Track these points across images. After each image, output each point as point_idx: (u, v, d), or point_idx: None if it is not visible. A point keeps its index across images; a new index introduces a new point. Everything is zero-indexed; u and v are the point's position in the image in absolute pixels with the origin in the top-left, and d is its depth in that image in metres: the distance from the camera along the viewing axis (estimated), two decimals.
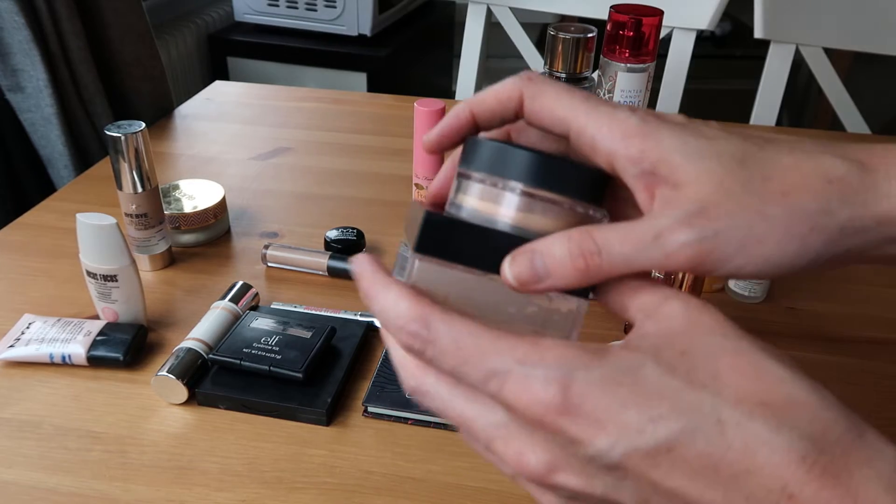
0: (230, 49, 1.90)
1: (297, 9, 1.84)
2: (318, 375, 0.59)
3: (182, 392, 0.57)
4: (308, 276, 0.75)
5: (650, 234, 0.28)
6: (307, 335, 0.61)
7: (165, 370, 0.57)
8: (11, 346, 0.61)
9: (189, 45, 1.83)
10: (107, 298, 0.64)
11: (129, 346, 0.61)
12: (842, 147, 0.30)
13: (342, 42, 1.83)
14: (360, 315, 0.68)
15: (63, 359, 0.61)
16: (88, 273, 0.63)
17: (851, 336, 0.69)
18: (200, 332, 0.62)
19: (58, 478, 0.52)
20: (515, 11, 1.36)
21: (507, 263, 0.29)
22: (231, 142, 1.07)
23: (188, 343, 0.60)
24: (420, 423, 0.57)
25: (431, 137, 0.34)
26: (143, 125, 0.69)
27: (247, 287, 0.69)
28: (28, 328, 0.63)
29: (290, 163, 1.01)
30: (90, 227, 0.60)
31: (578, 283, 0.29)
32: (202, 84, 1.71)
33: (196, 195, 0.81)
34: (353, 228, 0.78)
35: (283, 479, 0.52)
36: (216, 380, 0.58)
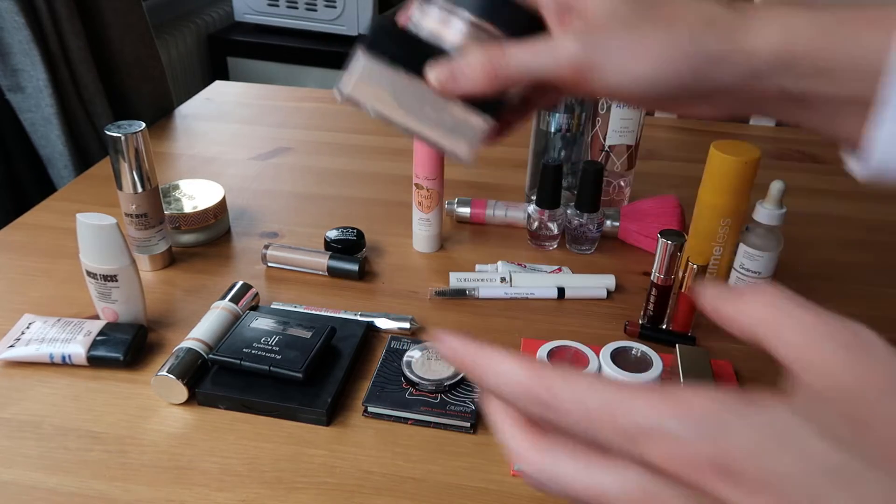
0: (230, 49, 1.90)
1: (297, 9, 1.84)
2: (318, 375, 0.59)
3: (182, 392, 0.57)
4: (308, 276, 0.75)
5: (547, 47, 0.34)
6: (307, 335, 0.61)
7: (165, 370, 0.57)
8: (11, 346, 0.61)
9: (189, 45, 1.83)
10: (107, 298, 0.63)
11: (129, 346, 0.61)
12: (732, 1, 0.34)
13: (342, 42, 1.83)
14: (360, 315, 0.68)
15: (63, 359, 0.61)
16: (88, 273, 0.63)
17: None
18: (200, 332, 0.62)
19: (58, 478, 0.52)
20: None
21: (431, 67, 0.36)
22: (231, 142, 1.07)
23: (188, 343, 0.60)
24: (420, 423, 0.57)
25: None
26: (143, 125, 0.69)
27: (247, 287, 0.69)
28: (28, 328, 0.63)
29: (290, 163, 1.01)
30: (90, 227, 0.60)
31: (486, 86, 0.35)
32: (202, 84, 1.71)
33: (196, 195, 0.81)
34: (353, 228, 0.78)
35: (283, 479, 0.52)
36: (216, 380, 0.58)
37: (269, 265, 0.76)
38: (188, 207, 0.78)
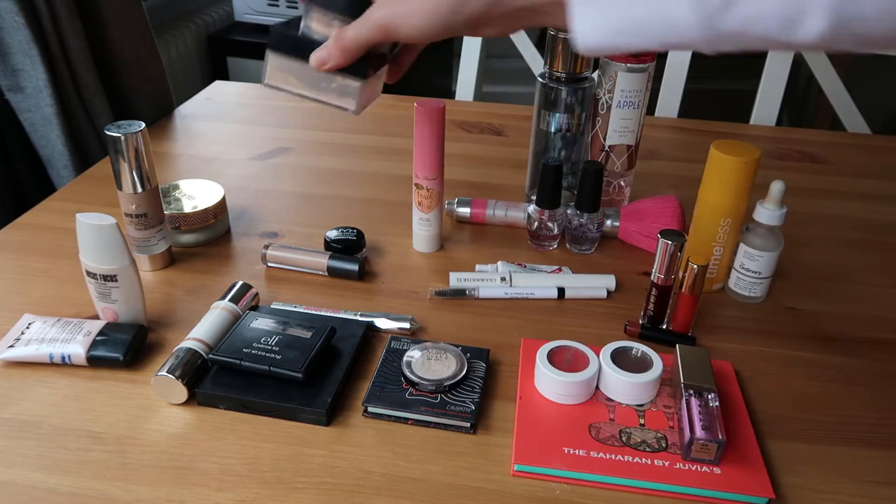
0: (230, 49, 1.90)
1: (297, 9, 1.84)
2: (318, 375, 0.59)
3: (182, 392, 0.57)
4: (308, 276, 0.75)
5: (364, 18, 0.51)
6: (307, 335, 0.61)
7: (165, 370, 0.57)
8: (11, 346, 0.61)
9: (189, 45, 1.83)
10: (107, 298, 0.63)
11: (129, 346, 0.61)
12: None
13: None
14: (360, 315, 0.68)
15: (63, 359, 0.61)
16: (88, 273, 0.63)
17: (851, 336, 0.69)
18: (200, 332, 0.62)
19: (58, 478, 0.52)
20: None
21: (311, 55, 0.54)
22: (231, 142, 1.07)
23: (188, 343, 0.60)
24: (420, 423, 0.57)
25: None
26: (143, 125, 0.69)
27: (247, 287, 0.69)
28: (28, 328, 0.63)
29: (290, 163, 1.01)
30: (90, 227, 0.60)
31: (343, 60, 0.53)
32: (202, 84, 1.71)
33: (196, 195, 0.81)
34: (353, 228, 0.78)
35: (283, 479, 0.52)
36: (216, 380, 0.58)
37: (269, 265, 0.76)
38: (188, 207, 0.78)
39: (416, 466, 0.53)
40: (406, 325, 0.67)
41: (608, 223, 0.82)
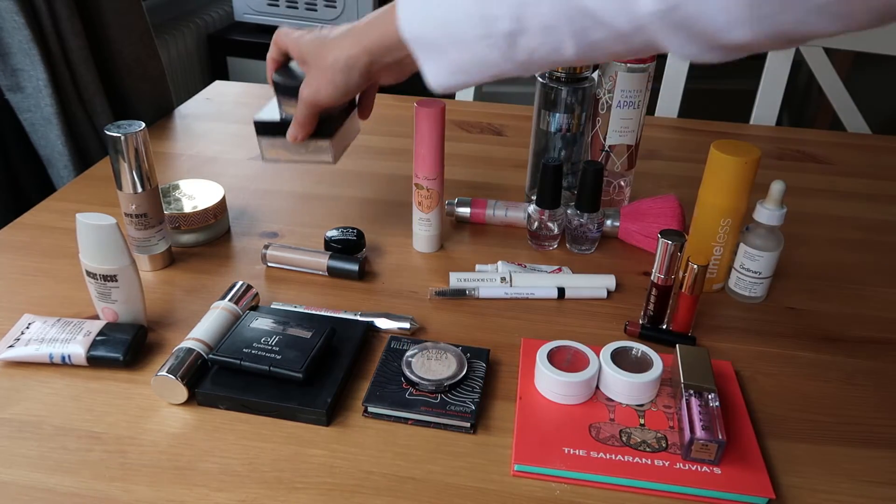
0: (230, 49, 1.90)
1: (297, 9, 1.84)
2: (318, 375, 0.59)
3: (182, 392, 0.57)
4: (308, 276, 0.75)
5: (299, 98, 0.66)
6: (307, 335, 0.61)
7: (165, 370, 0.57)
8: (11, 346, 0.61)
9: (189, 45, 1.83)
10: (107, 298, 0.63)
11: (129, 346, 0.61)
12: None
13: None
14: (360, 315, 0.68)
15: (63, 359, 0.61)
16: (88, 273, 0.63)
17: (851, 336, 0.69)
18: (200, 332, 0.62)
19: (58, 478, 0.52)
20: None
21: (287, 132, 0.70)
22: (231, 142, 1.07)
23: (188, 343, 0.60)
24: (420, 423, 0.57)
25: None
26: (143, 125, 0.69)
27: (247, 287, 0.69)
28: (28, 328, 0.63)
29: None
30: (90, 227, 0.60)
31: (305, 132, 0.68)
32: (202, 84, 1.71)
33: (196, 195, 0.81)
34: (353, 228, 0.78)
35: (283, 479, 0.52)
36: (216, 380, 0.58)
37: (269, 265, 0.76)
38: (188, 207, 0.78)
39: (416, 466, 0.53)
40: (406, 326, 0.67)
41: (608, 223, 0.82)
